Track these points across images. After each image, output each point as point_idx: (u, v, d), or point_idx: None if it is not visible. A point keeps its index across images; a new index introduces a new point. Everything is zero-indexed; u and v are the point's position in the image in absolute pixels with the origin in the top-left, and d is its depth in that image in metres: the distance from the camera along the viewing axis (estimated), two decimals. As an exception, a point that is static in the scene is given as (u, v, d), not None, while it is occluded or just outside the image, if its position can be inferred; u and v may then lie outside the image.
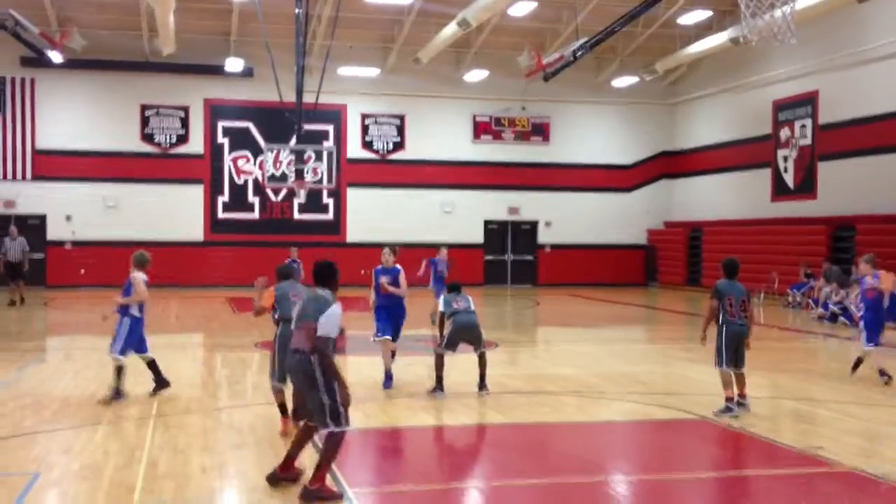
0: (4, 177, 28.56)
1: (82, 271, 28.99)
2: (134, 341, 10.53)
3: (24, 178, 28.71)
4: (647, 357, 15.67)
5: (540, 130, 32.60)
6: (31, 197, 28.76)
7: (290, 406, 8.75)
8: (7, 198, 28.60)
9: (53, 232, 29.08)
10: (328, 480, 6.82)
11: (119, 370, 10.31)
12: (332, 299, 6.93)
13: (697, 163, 31.97)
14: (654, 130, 33.40)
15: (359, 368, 12.68)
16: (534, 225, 32.83)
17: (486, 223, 32.40)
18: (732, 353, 9.77)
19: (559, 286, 31.24)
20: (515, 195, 32.38)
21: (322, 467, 6.76)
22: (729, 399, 9.73)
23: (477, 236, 32.22)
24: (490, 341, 14.14)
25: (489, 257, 32.52)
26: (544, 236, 32.77)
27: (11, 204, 28.63)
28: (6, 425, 9.12)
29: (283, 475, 7.06)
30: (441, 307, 11.12)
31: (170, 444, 8.38)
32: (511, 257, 32.83)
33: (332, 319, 6.81)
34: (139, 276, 10.44)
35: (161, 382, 10.71)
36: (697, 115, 32.19)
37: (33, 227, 28.93)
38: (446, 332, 10.92)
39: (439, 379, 10.83)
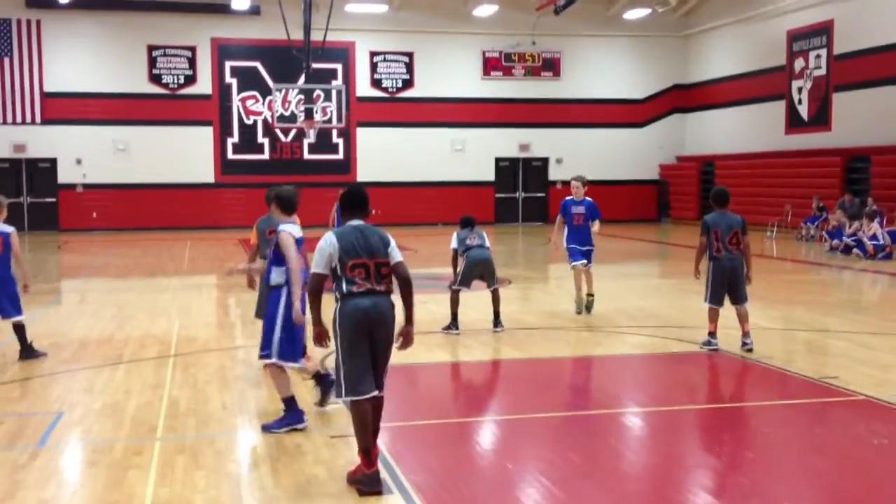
0: (14, 121, 28.51)
1: (94, 214, 29.13)
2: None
3: (33, 121, 28.65)
4: (661, 291, 15.67)
5: (551, 65, 32.22)
6: (41, 141, 28.73)
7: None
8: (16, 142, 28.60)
9: (64, 175, 29.10)
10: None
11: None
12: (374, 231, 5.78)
13: (710, 96, 31.60)
14: (667, 64, 32.96)
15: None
16: (545, 162, 32.65)
17: (497, 160, 32.24)
18: (720, 290, 9.54)
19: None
20: (526, 132, 32.15)
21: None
22: (711, 333, 9.69)
23: (488, 174, 32.09)
24: (503, 278, 14.15)
25: (500, 195, 32.42)
26: (555, 173, 32.58)
27: (22, 148, 28.63)
28: (26, 367, 9.22)
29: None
30: (454, 244, 10.93)
31: (189, 383, 8.47)
32: (522, 195, 32.73)
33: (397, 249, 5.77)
34: None
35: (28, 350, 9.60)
36: (710, 47, 31.72)
37: (44, 170, 28.99)
38: (460, 269, 10.87)
39: (454, 316, 10.85)
